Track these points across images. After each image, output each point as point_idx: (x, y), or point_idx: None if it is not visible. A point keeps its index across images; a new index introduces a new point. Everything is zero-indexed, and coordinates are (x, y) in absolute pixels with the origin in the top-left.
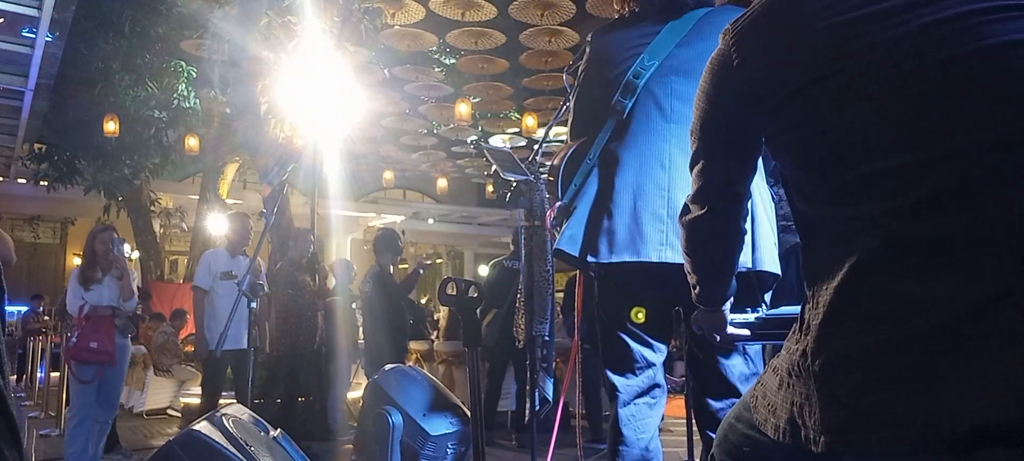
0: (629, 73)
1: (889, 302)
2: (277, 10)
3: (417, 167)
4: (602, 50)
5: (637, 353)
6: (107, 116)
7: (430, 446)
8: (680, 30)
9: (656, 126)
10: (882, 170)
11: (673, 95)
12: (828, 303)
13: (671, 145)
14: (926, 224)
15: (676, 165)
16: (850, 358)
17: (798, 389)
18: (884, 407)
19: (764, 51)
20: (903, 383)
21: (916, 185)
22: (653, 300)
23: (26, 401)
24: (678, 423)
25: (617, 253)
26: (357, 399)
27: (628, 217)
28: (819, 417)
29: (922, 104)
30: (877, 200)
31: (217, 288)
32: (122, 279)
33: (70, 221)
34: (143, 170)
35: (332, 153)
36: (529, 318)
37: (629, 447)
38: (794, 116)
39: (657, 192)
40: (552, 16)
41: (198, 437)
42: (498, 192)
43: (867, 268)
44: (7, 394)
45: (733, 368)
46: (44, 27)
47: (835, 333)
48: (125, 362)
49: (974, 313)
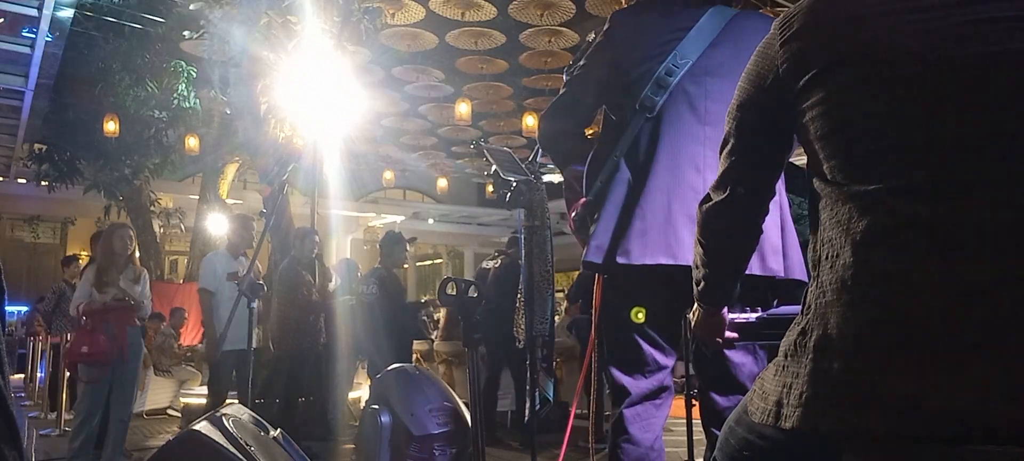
0: (661, 69)
1: (885, 282)
2: (277, 10)
3: (417, 167)
4: (626, 36)
5: (649, 355)
6: (107, 116)
7: (414, 446)
8: (712, 29)
9: (689, 127)
10: (888, 148)
11: (708, 96)
12: (828, 282)
13: (705, 147)
14: (926, 206)
15: (710, 168)
16: (843, 335)
17: (791, 369)
18: (868, 386)
19: (804, 33)
20: (891, 365)
21: (920, 166)
22: (675, 303)
23: (26, 401)
24: (678, 423)
25: (651, 255)
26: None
27: (662, 219)
28: (800, 392)
29: (938, 94)
30: (880, 178)
31: (223, 290)
32: (138, 283)
33: (70, 221)
34: (143, 170)
35: (332, 153)
36: (529, 318)
37: (635, 445)
38: (818, 93)
39: (692, 194)
40: (552, 16)
41: (198, 437)
42: (498, 192)
43: (866, 247)
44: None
45: (742, 366)
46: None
47: (831, 311)
48: (137, 360)
49: (969, 299)
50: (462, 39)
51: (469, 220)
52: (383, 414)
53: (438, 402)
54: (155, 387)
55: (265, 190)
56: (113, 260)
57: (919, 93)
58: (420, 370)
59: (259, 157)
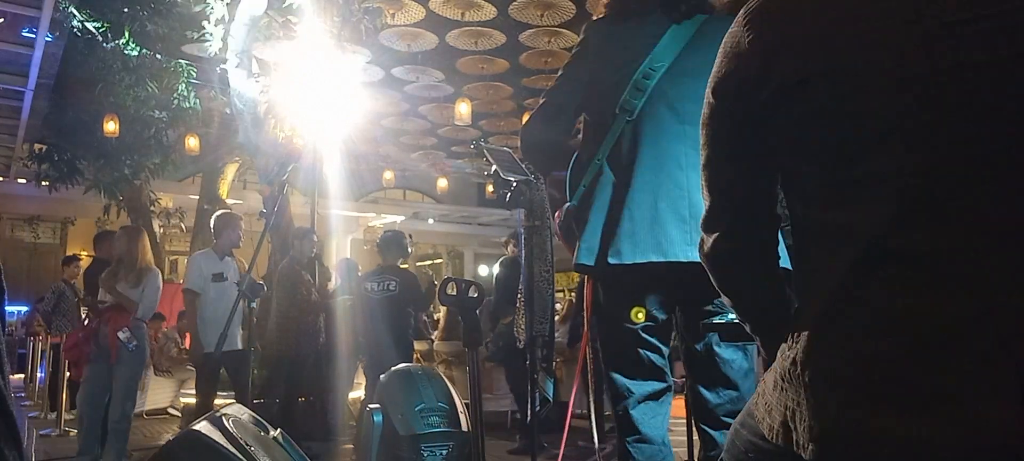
0: (638, 73)
1: (873, 316)
2: (277, 10)
3: (417, 167)
4: (603, 45)
5: (645, 356)
6: (107, 116)
7: (404, 445)
8: (685, 33)
9: (669, 126)
10: (873, 174)
11: (684, 97)
12: (816, 313)
13: (686, 145)
14: (913, 235)
15: (693, 165)
16: (835, 372)
17: (790, 394)
18: (867, 422)
19: (775, 32)
20: (885, 400)
21: (905, 193)
22: (669, 301)
23: (26, 401)
24: (678, 423)
25: (642, 253)
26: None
27: (650, 218)
28: (808, 425)
29: (922, 109)
30: (866, 206)
31: (208, 291)
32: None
33: (70, 221)
34: (143, 170)
35: (332, 153)
36: (529, 318)
37: (649, 443)
38: (799, 106)
39: (678, 192)
40: (552, 16)
41: (198, 437)
42: (498, 192)
43: (853, 277)
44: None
45: (732, 363)
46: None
47: (822, 344)
48: (125, 361)
49: (956, 331)
50: (462, 39)
51: (469, 220)
52: (376, 413)
53: (433, 402)
54: (155, 387)
55: (265, 190)
56: (111, 264)
57: (899, 108)
58: (423, 369)
59: (259, 157)
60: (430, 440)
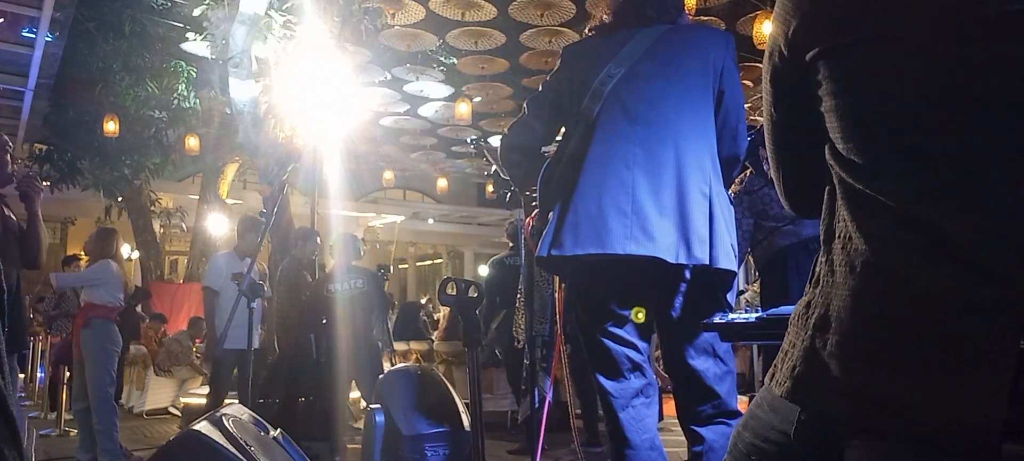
0: (596, 80)
1: (887, 282)
2: (277, 10)
3: (417, 167)
4: (574, 61)
5: (621, 355)
6: (107, 116)
7: (405, 445)
8: (647, 40)
9: (621, 128)
10: (910, 148)
11: (639, 98)
12: (838, 262)
13: (636, 146)
14: (937, 208)
15: (640, 165)
16: (842, 323)
17: (791, 338)
18: (852, 376)
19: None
20: (879, 363)
21: (941, 171)
22: (626, 299)
23: (26, 401)
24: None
25: (582, 246)
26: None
27: (594, 212)
28: (792, 365)
29: (960, 87)
30: (899, 175)
31: (227, 290)
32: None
33: (70, 221)
34: (143, 170)
35: (332, 153)
36: (529, 318)
37: (636, 450)
38: (830, 71)
39: (621, 189)
40: (552, 16)
41: (198, 437)
42: (498, 192)
43: (879, 240)
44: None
45: (706, 371)
46: (44, 27)
47: (836, 294)
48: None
49: (967, 311)
50: (462, 39)
51: (469, 220)
52: (378, 414)
53: (433, 402)
54: (155, 387)
55: (265, 190)
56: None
57: (937, 84)
58: (424, 370)
59: (259, 157)
60: (433, 440)
